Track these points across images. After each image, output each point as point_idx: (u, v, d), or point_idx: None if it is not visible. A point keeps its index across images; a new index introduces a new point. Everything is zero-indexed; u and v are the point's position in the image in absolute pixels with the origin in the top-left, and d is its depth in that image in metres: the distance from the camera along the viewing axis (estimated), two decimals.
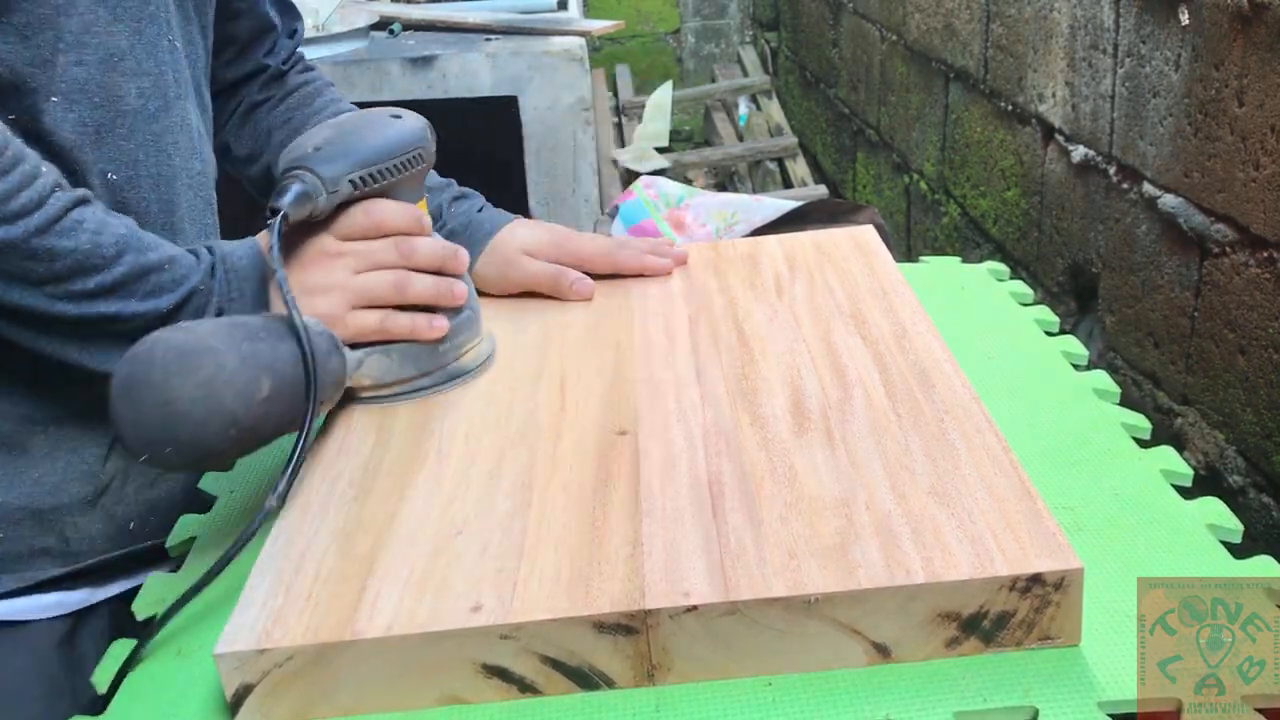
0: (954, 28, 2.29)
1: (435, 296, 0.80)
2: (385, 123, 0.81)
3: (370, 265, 0.79)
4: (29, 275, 0.70)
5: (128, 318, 0.73)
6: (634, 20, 4.48)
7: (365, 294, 0.78)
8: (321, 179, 0.76)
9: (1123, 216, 1.64)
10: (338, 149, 0.77)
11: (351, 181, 0.77)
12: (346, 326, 0.78)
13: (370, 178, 0.78)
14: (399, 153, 0.79)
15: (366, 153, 0.78)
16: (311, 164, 0.76)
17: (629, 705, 0.59)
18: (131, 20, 0.79)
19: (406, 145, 0.80)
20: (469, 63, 2.23)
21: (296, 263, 0.78)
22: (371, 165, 0.78)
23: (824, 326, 0.87)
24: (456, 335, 0.83)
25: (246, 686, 0.59)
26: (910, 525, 0.62)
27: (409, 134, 0.80)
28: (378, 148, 0.79)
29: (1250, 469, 1.39)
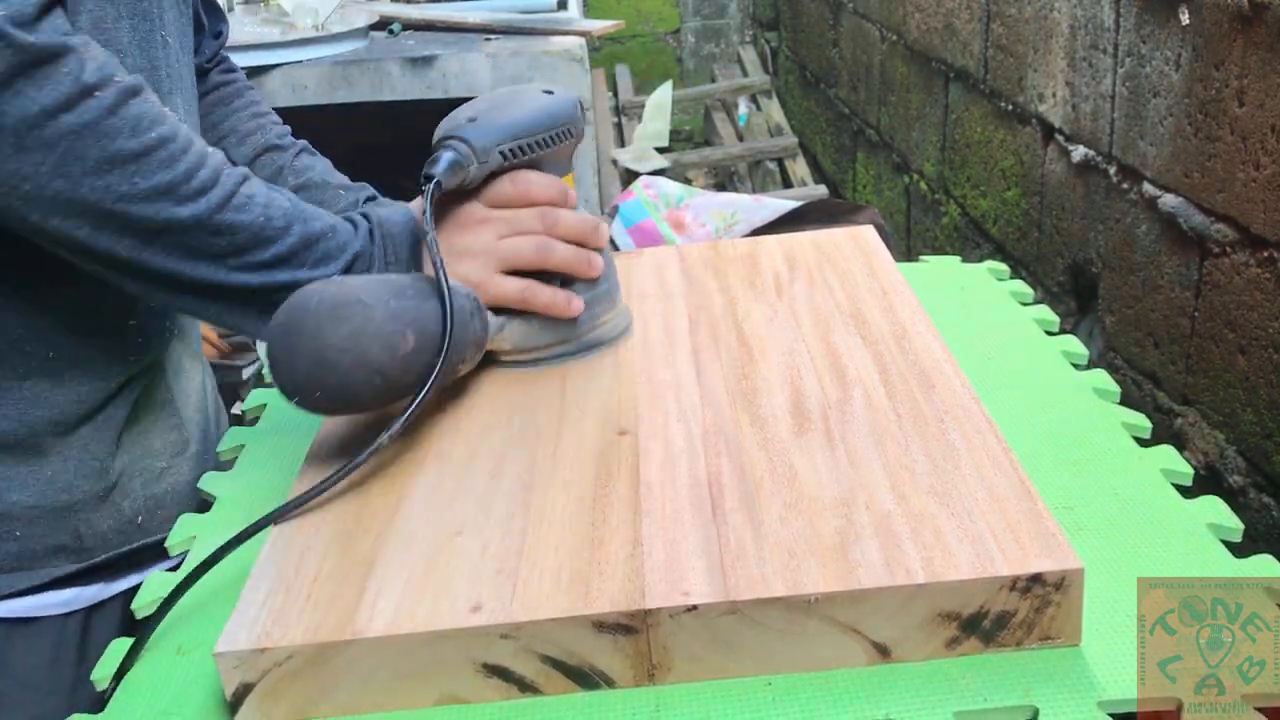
0: (954, 27, 2.29)
1: (575, 266, 0.83)
2: (536, 97, 0.84)
3: (515, 231, 0.81)
4: (213, 249, 0.73)
5: (303, 284, 0.75)
6: (634, 20, 4.48)
7: (510, 259, 0.81)
8: (473, 148, 0.79)
9: (1123, 216, 1.64)
10: (490, 120, 0.80)
11: (502, 153, 0.80)
12: (489, 291, 0.80)
13: (520, 150, 0.81)
14: (549, 126, 0.82)
15: (517, 125, 0.81)
16: (464, 134, 0.79)
17: (629, 705, 0.59)
18: (129, 16, 0.80)
19: (556, 119, 0.83)
20: (469, 63, 2.24)
21: (447, 227, 0.81)
22: (521, 138, 0.81)
23: (824, 326, 0.87)
24: (594, 306, 0.86)
25: (246, 685, 0.59)
26: (910, 525, 0.62)
27: (559, 108, 0.83)
28: (528, 120, 0.81)
29: (1250, 469, 1.39)
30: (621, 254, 1.09)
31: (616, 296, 0.89)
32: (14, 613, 0.81)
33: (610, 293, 0.88)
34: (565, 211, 0.83)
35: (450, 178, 0.78)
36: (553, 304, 0.82)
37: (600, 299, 0.86)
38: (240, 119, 1.02)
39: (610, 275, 0.88)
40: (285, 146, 1.01)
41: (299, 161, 1.00)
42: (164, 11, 0.84)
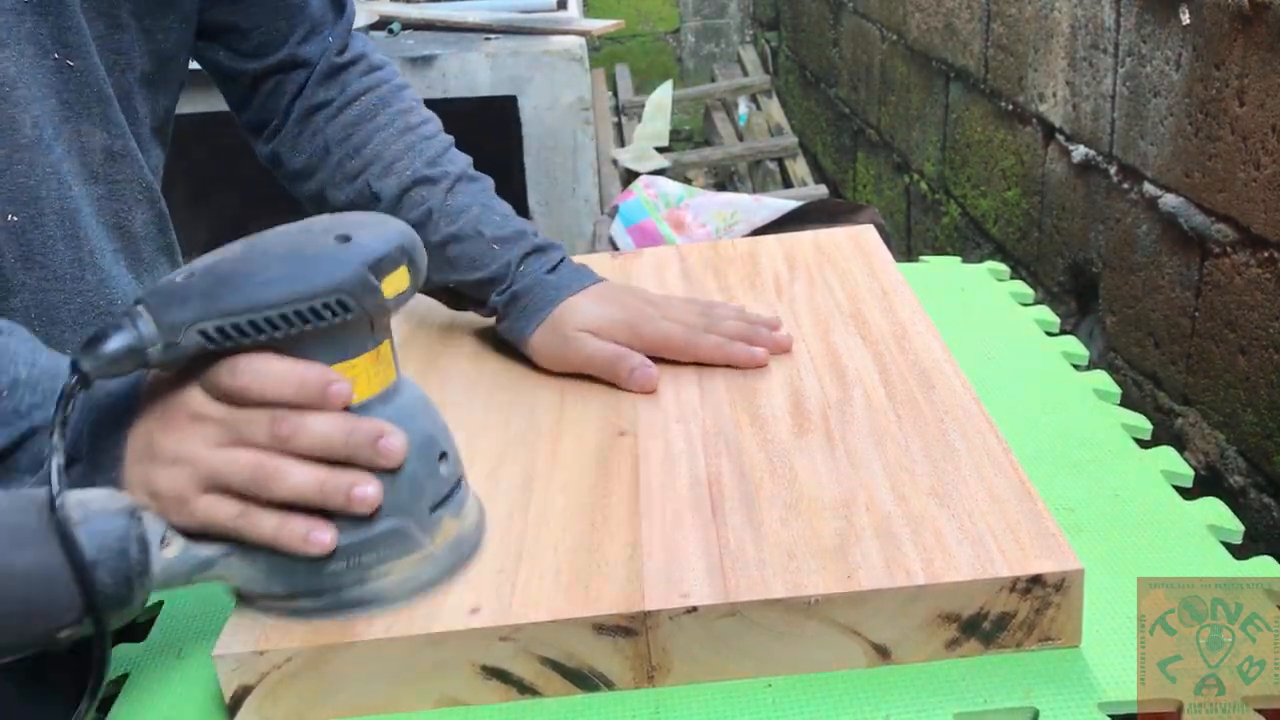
0: (954, 27, 2.29)
1: (319, 496, 0.57)
2: (299, 251, 0.58)
3: (234, 440, 0.58)
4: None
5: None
6: (634, 20, 4.48)
7: (218, 477, 0.58)
8: (160, 324, 0.56)
9: (1123, 216, 1.64)
10: (205, 283, 0.57)
11: (203, 333, 0.56)
12: (193, 514, 0.58)
13: (235, 330, 0.56)
14: (294, 299, 0.56)
15: (237, 294, 0.56)
16: (157, 299, 0.56)
17: (628, 707, 0.59)
18: (14, 43, 0.68)
19: (312, 289, 0.56)
20: (468, 62, 2.23)
21: (155, 416, 0.60)
22: (238, 314, 0.56)
23: (824, 327, 0.87)
24: (361, 552, 0.59)
25: (245, 688, 0.59)
26: (910, 526, 0.62)
27: (327, 272, 0.57)
28: (258, 288, 0.56)
29: (1251, 469, 1.38)
30: (621, 254, 1.09)
31: (420, 536, 0.61)
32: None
33: (397, 536, 0.60)
34: (316, 417, 0.57)
35: (111, 367, 0.56)
36: (279, 536, 0.57)
37: (378, 543, 0.59)
38: (384, 140, 0.89)
39: (413, 505, 0.60)
40: (437, 179, 0.87)
41: (452, 200, 0.87)
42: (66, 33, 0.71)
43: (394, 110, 0.90)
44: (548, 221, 2.30)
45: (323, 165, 0.90)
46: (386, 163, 0.87)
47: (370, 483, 0.58)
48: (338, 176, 0.89)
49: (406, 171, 0.87)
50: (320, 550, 0.58)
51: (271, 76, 0.89)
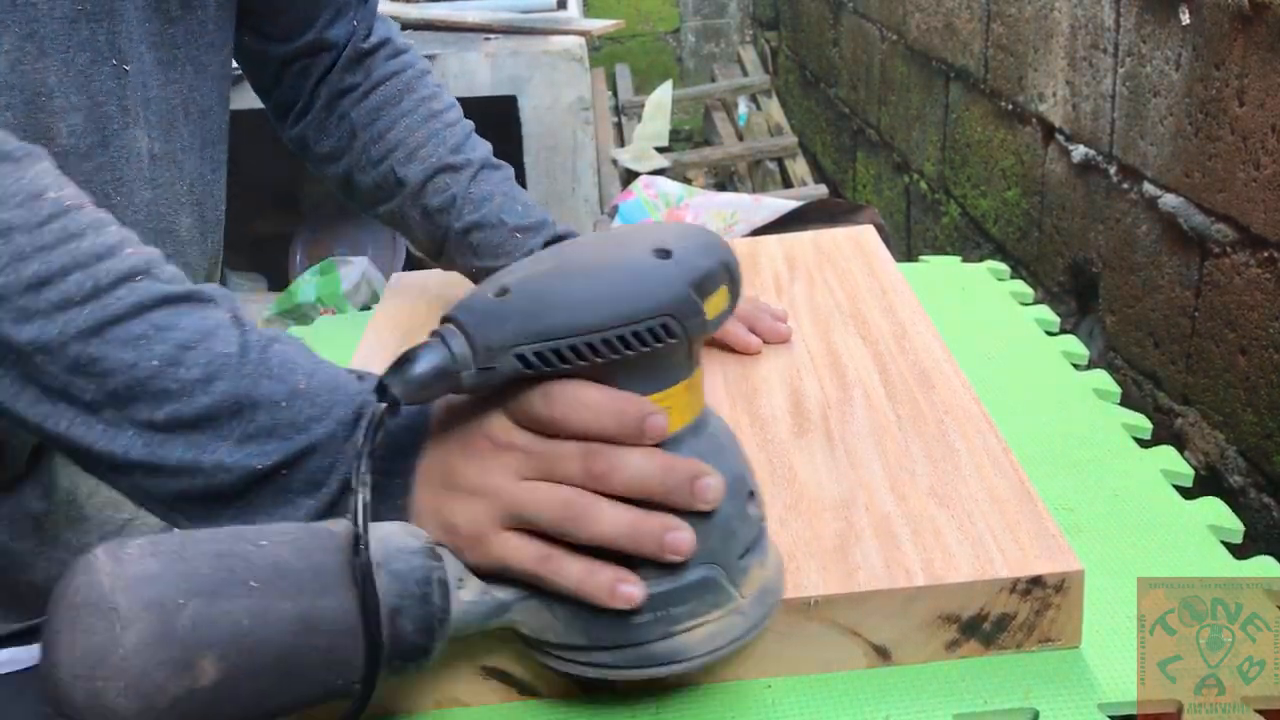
0: (954, 27, 2.29)
1: (631, 541, 0.52)
2: (622, 266, 0.52)
3: (543, 473, 0.53)
4: (76, 392, 0.52)
5: (209, 470, 0.53)
6: (634, 20, 4.48)
7: (521, 513, 0.53)
8: (474, 344, 0.51)
9: (1123, 216, 1.64)
10: (524, 302, 0.51)
11: (520, 357, 0.51)
12: (489, 553, 0.53)
13: (555, 355, 0.51)
14: (619, 322, 0.51)
15: (560, 316, 0.51)
16: (472, 319, 0.51)
17: (628, 707, 0.59)
18: (60, 52, 0.66)
19: (637, 311, 0.51)
20: (468, 62, 2.24)
21: (454, 442, 0.55)
22: (560, 338, 0.51)
23: (824, 327, 0.87)
24: (670, 604, 0.53)
25: None
26: (910, 527, 0.62)
27: (653, 293, 0.51)
28: (581, 309, 0.51)
29: (1251, 469, 1.38)
30: None
31: (729, 589, 0.55)
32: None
33: (708, 587, 0.54)
34: (632, 453, 0.52)
35: (422, 392, 0.51)
36: (583, 585, 0.52)
37: (688, 594, 0.53)
38: (408, 126, 0.88)
39: (723, 553, 0.54)
40: (460, 166, 0.87)
41: (475, 189, 0.86)
42: (118, 37, 0.69)
43: (418, 96, 0.90)
44: None
45: (349, 149, 0.91)
46: (411, 149, 0.88)
47: (684, 528, 0.52)
48: (363, 161, 0.90)
49: (431, 158, 0.87)
50: (627, 604, 0.52)
51: (299, 60, 0.90)
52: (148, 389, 0.52)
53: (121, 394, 0.52)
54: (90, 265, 0.52)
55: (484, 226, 0.86)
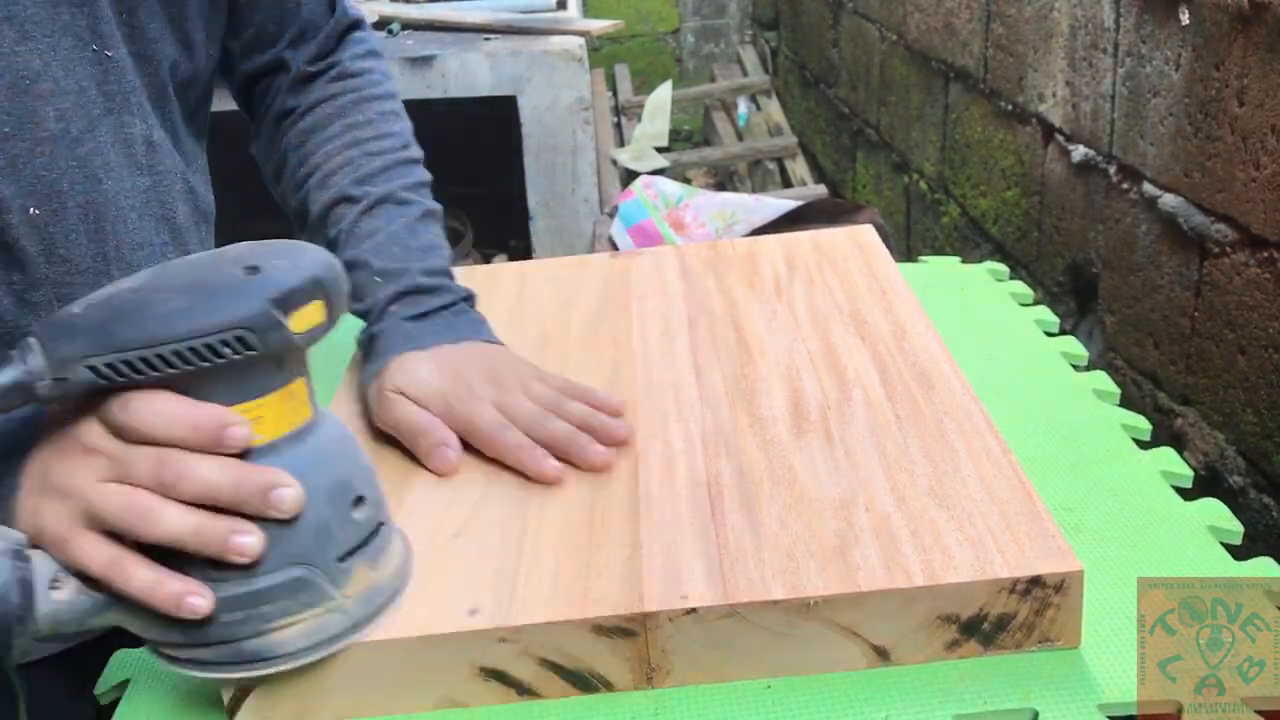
0: (954, 27, 2.29)
1: (195, 542, 0.53)
2: (201, 283, 0.54)
3: (119, 476, 0.54)
4: None
5: None
6: (633, 20, 4.48)
7: (95, 513, 0.54)
8: (49, 358, 0.53)
9: (1123, 216, 1.64)
10: (98, 315, 0.53)
11: (93, 369, 0.53)
12: (67, 553, 0.54)
13: (127, 366, 0.53)
14: (191, 334, 0.52)
15: (130, 329, 0.53)
16: (47, 333, 0.53)
17: (627, 708, 0.59)
18: (43, 36, 0.68)
19: (209, 324, 0.53)
20: (468, 62, 2.23)
21: (50, 447, 0.57)
22: (129, 350, 0.53)
23: (823, 327, 0.87)
24: (257, 602, 0.55)
25: (244, 690, 0.59)
26: (910, 527, 0.62)
27: (227, 307, 0.53)
28: (152, 322, 0.53)
29: (1250, 469, 1.38)
30: (621, 254, 1.09)
31: (327, 587, 0.57)
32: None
33: (301, 586, 0.56)
34: (201, 461, 0.54)
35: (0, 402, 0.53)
36: (152, 595, 0.54)
37: (278, 593, 0.56)
38: (328, 153, 0.86)
39: (319, 554, 0.56)
40: (357, 199, 0.83)
41: (361, 225, 0.83)
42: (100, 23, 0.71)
43: (347, 121, 0.87)
44: (548, 222, 2.30)
45: (282, 172, 0.89)
46: (323, 176, 0.85)
47: (251, 532, 0.54)
48: (289, 185, 0.88)
49: (334, 188, 0.84)
50: (193, 615, 0.54)
51: (262, 78, 0.89)
52: None
53: None
54: None
55: (354, 266, 0.80)
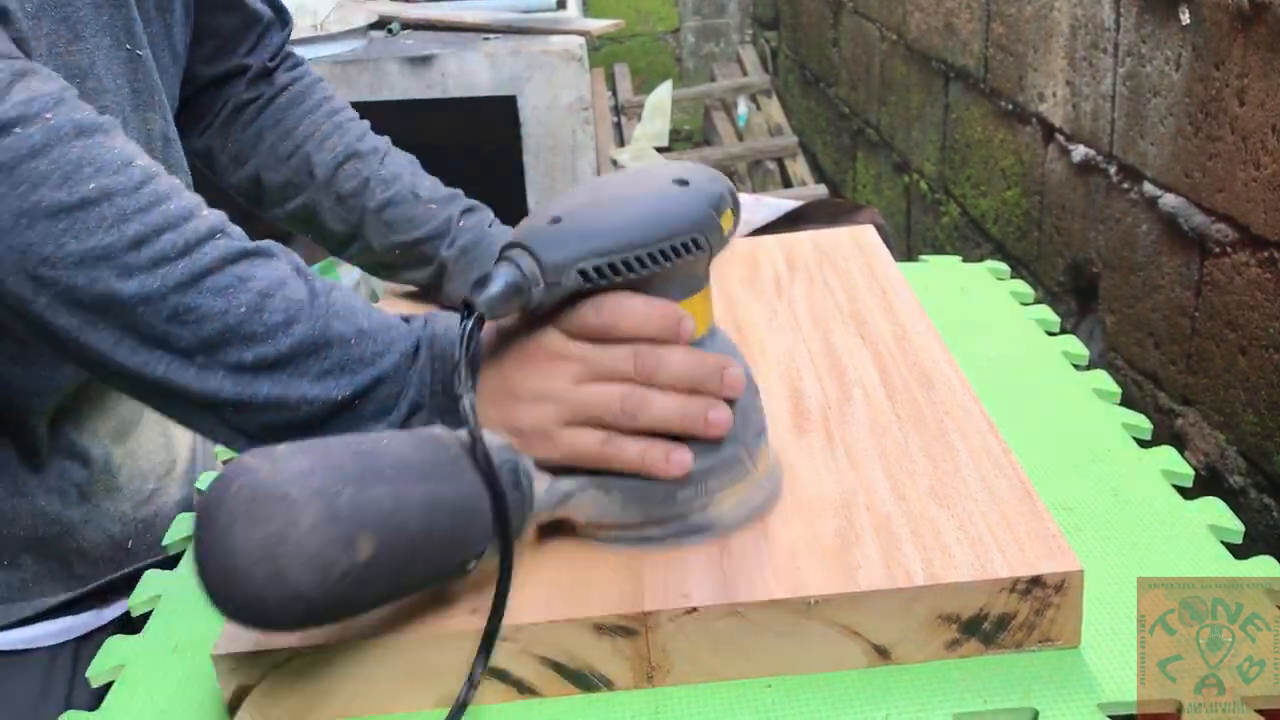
0: (954, 27, 2.29)
1: (681, 424, 0.61)
2: (654, 194, 0.62)
3: (598, 375, 0.61)
4: (172, 340, 0.58)
5: (293, 404, 0.60)
6: (633, 20, 4.48)
7: (585, 410, 0.61)
8: (541, 265, 0.59)
9: (1123, 216, 1.64)
10: (577, 225, 0.60)
11: (582, 272, 0.59)
12: (557, 446, 0.61)
13: (608, 269, 0.59)
14: (659, 239, 0.60)
15: (611, 235, 0.60)
16: (537, 243, 0.59)
17: (628, 707, 0.59)
18: (91, 36, 0.71)
19: (673, 229, 0.60)
20: (467, 62, 2.23)
21: (510, 359, 0.63)
22: (613, 254, 0.59)
23: (823, 327, 0.87)
24: (709, 476, 0.63)
25: (244, 688, 0.59)
26: (910, 526, 0.62)
27: (682, 213, 0.61)
28: (629, 229, 0.60)
29: (1251, 469, 1.38)
30: None
31: (749, 463, 0.65)
32: (9, 645, 0.79)
33: (735, 462, 0.64)
34: (673, 351, 0.61)
35: (502, 307, 0.59)
36: (644, 461, 0.61)
37: (720, 468, 0.63)
38: (313, 122, 0.93)
39: (744, 433, 0.64)
40: (367, 153, 0.92)
41: (384, 169, 0.91)
42: (132, 23, 0.75)
43: (318, 97, 0.96)
44: None
45: (255, 152, 0.94)
46: (319, 140, 0.92)
47: (722, 408, 0.62)
48: (271, 159, 0.93)
49: (339, 147, 0.91)
50: (681, 471, 0.61)
51: (217, 83, 0.95)
52: (238, 334, 0.59)
53: (214, 339, 0.59)
54: (179, 225, 0.58)
55: (397, 202, 0.89)
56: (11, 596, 0.79)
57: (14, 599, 0.79)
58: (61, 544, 0.81)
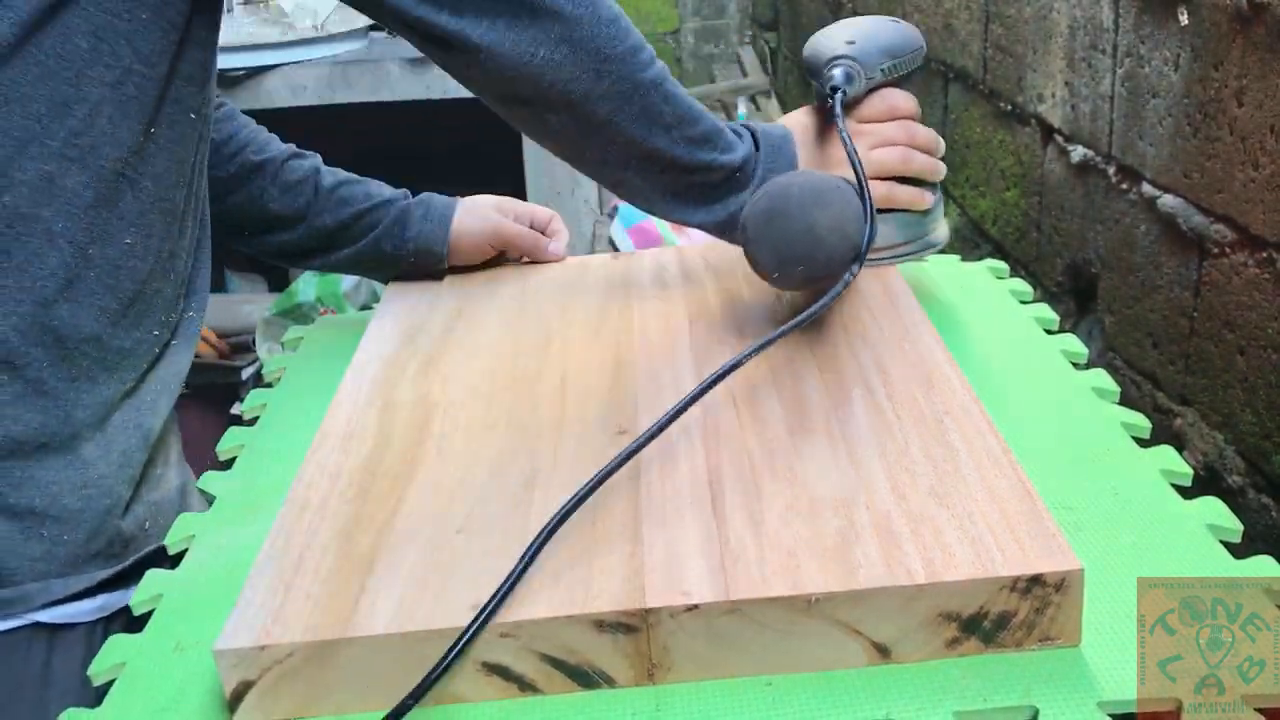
0: (953, 28, 2.29)
1: (930, 171, 0.94)
2: (895, 23, 0.94)
3: (882, 142, 0.92)
4: (663, 117, 0.81)
5: (718, 167, 0.85)
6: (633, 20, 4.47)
7: (879, 166, 0.91)
8: (862, 66, 0.90)
9: (1122, 217, 1.64)
10: (868, 43, 0.91)
11: (882, 69, 0.91)
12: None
13: (895, 68, 0.92)
14: (916, 49, 0.93)
15: (893, 47, 0.92)
16: (853, 54, 0.90)
17: (629, 704, 0.59)
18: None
19: (917, 42, 0.93)
20: None
21: (823, 140, 0.92)
22: (898, 57, 0.92)
23: (823, 327, 0.87)
24: (935, 209, 0.97)
25: (246, 684, 0.59)
26: (910, 525, 0.62)
27: (916, 33, 0.94)
28: (900, 43, 0.92)
29: (1250, 469, 1.39)
30: (621, 254, 1.09)
31: (942, 205, 0.99)
32: (58, 618, 0.81)
33: (940, 200, 0.98)
34: (919, 125, 0.94)
35: (848, 88, 0.89)
36: (913, 199, 0.94)
37: (936, 203, 0.97)
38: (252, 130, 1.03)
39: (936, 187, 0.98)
40: (308, 154, 1.04)
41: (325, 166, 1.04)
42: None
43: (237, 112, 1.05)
44: None
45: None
46: (261, 143, 1.02)
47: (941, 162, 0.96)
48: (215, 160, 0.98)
49: (281, 146, 1.03)
50: (930, 203, 0.96)
51: None
52: (689, 115, 0.83)
53: (681, 117, 0.83)
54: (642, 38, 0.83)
55: (350, 183, 1.03)
56: (65, 571, 0.80)
57: (67, 574, 0.81)
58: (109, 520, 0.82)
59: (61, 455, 0.79)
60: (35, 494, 0.78)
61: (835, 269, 0.78)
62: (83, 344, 0.78)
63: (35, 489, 0.78)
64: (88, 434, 0.80)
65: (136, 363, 0.83)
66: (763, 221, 0.79)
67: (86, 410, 0.80)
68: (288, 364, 1.03)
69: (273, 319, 2.32)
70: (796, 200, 0.78)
